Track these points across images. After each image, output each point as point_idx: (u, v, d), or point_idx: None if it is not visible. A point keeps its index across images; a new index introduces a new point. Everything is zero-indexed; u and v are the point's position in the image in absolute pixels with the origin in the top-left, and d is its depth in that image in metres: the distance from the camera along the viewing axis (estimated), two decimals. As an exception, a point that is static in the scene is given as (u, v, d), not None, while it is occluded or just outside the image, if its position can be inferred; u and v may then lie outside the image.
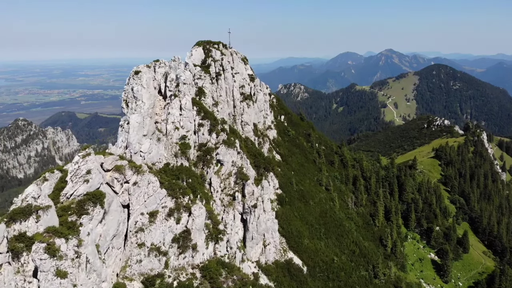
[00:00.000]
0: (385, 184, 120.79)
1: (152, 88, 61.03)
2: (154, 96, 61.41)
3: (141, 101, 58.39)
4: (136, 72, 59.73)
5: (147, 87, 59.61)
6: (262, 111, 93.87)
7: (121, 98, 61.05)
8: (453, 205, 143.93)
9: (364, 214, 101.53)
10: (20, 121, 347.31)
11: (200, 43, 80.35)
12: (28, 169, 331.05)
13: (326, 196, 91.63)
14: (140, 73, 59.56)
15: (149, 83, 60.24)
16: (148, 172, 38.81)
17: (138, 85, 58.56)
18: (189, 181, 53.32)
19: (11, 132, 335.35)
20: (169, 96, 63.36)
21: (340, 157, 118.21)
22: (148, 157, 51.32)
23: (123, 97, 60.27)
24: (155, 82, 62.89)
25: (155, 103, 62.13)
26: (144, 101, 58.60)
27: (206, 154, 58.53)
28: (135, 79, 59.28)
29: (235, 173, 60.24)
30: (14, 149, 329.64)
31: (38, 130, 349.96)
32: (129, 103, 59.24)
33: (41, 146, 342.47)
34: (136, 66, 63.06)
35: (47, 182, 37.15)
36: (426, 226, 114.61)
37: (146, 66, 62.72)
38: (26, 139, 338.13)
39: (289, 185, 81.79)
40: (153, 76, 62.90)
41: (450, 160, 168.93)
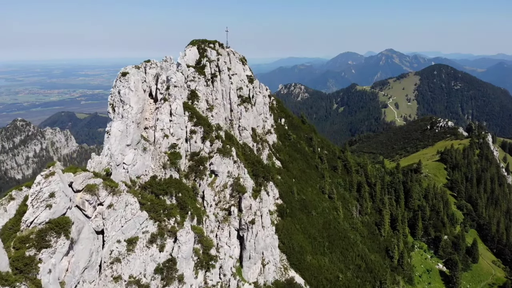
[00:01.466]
0: (390, 190, 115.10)
1: (141, 91, 55.47)
2: (143, 100, 55.85)
3: (129, 106, 52.89)
4: (124, 74, 54.21)
5: (136, 90, 54.08)
6: (261, 115, 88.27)
7: (108, 102, 55.75)
8: (460, 211, 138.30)
9: (369, 223, 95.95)
10: (18, 122, 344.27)
11: (195, 42, 74.72)
12: (26, 170, 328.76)
13: (330, 205, 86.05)
14: (128, 74, 54.03)
15: (137, 85, 54.70)
16: (126, 192, 33.23)
17: (126, 88, 53.05)
18: (179, 195, 47.79)
19: (9, 133, 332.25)
20: (160, 100, 57.92)
21: (343, 162, 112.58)
22: (132, 169, 45.79)
23: (110, 101, 54.81)
24: (144, 84, 57.31)
25: (144, 107, 56.60)
26: (132, 105, 53.10)
27: (198, 164, 52.95)
28: (122, 81, 53.82)
29: (231, 184, 54.67)
30: (12, 149, 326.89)
31: (37, 131, 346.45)
32: (115, 108, 53.74)
33: (40, 146, 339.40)
34: (123, 67, 57.69)
35: (13, 202, 31.67)
36: (433, 235, 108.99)
37: (134, 67, 57.18)
38: (25, 139, 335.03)
39: (290, 194, 76.20)
40: (143, 77, 57.36)
41: (456, 164, 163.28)
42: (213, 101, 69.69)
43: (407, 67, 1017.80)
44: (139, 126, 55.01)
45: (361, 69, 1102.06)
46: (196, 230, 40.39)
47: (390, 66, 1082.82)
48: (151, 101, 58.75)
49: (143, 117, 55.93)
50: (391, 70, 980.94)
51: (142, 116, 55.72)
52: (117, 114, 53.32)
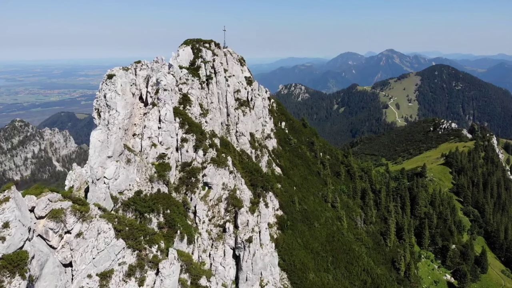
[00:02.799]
0: (396, 197, 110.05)
1: (129, 94, 50.54)
2: (132, 104, 50.92)
3: (115, 111, 48.08)
4: (110, 76, 49.38)
5: (123, 94, 49.19)
6: (260, 119, 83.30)
7: (93, 106, 50.92)
8: (467, 218, 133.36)
9: (375, 233, 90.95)
10: (17, 122, 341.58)
11: (189, 42, 69.69)
12: (24, 171, 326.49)
13: (333, 215, 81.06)
14: (114, 77, 49.19)
15: (125, 88, 49.79)
16: (99, 218, 28.25)
17: (112, 91, 48.24)
18: (167, 212, 42.87)
19: (8, 133, 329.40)
20: (148, 104, 53.02)
21: (346, 167, 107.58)
22: (114, 184, 40.83)
23: (95, 105, 50.03)
24: (133, 87, 52.38)
25: (133, 112, 51.68)
26: (118, 110, 48.27)
27: (190, 175, 47.96)
28: (108, 85, 49.01)
29: (226, 198, 49.68)
30: (11, 150, 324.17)
31: (35, 131, 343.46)
32: (101, 113, 48.94)
33: (38, 147, 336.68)
34: (110, 69, 52.83)
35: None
36: (441, 244, 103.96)
37: (122, 69, 52.29)
38: (23, 140, 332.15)
39: (291, 204, 71.25)
40: (132, 80, 52.49)
41: (462, 168, 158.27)
42: (208, 105, 64.76)
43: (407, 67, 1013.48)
44: (127, 132, 50.17)
45: (362, 70, 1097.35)
46: (183, 257, 35.42)
47: (391, 66, 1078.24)
48: (142, 105, 53.89)
49: (131, 123, 51.06)
50: (392, 71, 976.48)
51: (130, 121, 50.85)
52: (102, 119, 48.58)
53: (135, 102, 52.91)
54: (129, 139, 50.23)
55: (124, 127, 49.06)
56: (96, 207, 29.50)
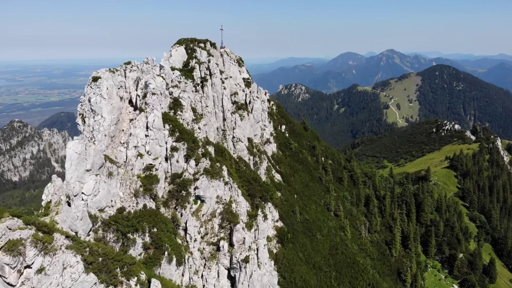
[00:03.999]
0: (401, 204, 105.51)
1: (116, 98, 46.16)
2: (119, 109, 46.52)
3: (100, 116, 43.74)
4: (95, 79, 45.10)
5: (109, 98, 44.87)
6: (259, 122, 78.86)
7: (77, 112, 46.63)
8: (473, 223, 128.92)
9: (379, 243, 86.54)
10: (15, 123, 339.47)
11: (182, 41, 65.19)
12: (23, 172, 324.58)
13: (336, 224, 76.63)
14: (100, 79, 44.90)
15: (111, 92, 45.45)
16: (66, 249, 23.87)
17: (97, 95, 43.96)
18: (154, 231, 38.44)
19: (6, 134, 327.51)
20: (135, 110, 48.64)
21: (349, 172, 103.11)
22: (93, 200, 36.41)
23: (79, 110, 45.76)
24: (121, 90, 48.05)
25: (122, 117, 47.28)
26: (104, 115, 43.93)
27: (181, 188, 43.49)
28: (92, 88, 44.76)
29: (220, 212, 45.21)
30: (9, 151, 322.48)
31: (34, 132, 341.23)
32: (86, 119, 44.60)
33: (37, 148, 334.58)
34: (95, 71, 48.48)
35: None
36: (448, 253, 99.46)
37: (109, 71, 47.95)
38: (22, 141, 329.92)
39: (292, 214, 66.81)
40: (121, 82, 48.20)
41: (467, 171, 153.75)
42: (203, 109, 60.32)
43: (408, 68, 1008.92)
44: (114, 139, 45.74)
45: (362, 70, 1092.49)
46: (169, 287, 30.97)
47: (391, 66, 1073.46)
48: (131, 109, 49.52)
49: (118, 129, 46.62)
50: (392, 71, 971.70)
51: (117, 128, 46.43)
52: (87, 126, 44.29)
53: (123, 107, 48.55)
54: (116, 146, 45.80)
55: (110, 134, 44.72)
56: (62, 236, 25.00)
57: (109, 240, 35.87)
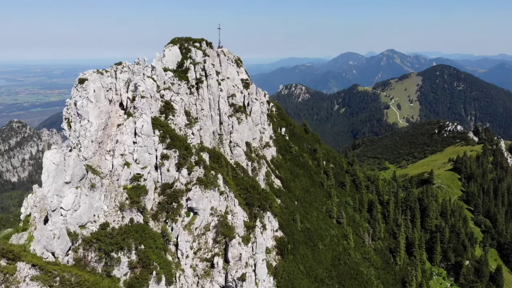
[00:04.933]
0: (405, 209, 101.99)
1: (104, 102, 42.66)
2: (108, 113, 43.02)
3: (87, 121, 40.30)
4: (81, 81, 41.66)
5: (96, 101, 41.41)
6: (258, 125, 75.36)
7: (63, 116, 43.32)
8: (478, 228, 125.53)
9: (383, 250, 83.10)
10: (14, 123, 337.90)
11: (176, 41, 61.69)
12: (22, 172, 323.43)
13: (338, 232, 73.17)
14: (86, 81, 41.46)
15: (99, 95, 41.95)
16: (30, 281, 20.46)
17: (83, 98, 40.52)
18: (141, 248, 35.01)
19: (5, 134, 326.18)
20: (125, 113, 45.20)
21: (351, 176, 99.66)
22: (73, 216, 32.99)
23: (65, 114, 42.40)
24: (111, 93, 44.55)
25: (110, 121, 43.78)
26: (90, 120, 40.52)
27: (171, 200, 40.04)
28: (79, 90, 41.32)
29: (215, 225, 41.75)
30: (8, 151, 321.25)
31: (33, 132, 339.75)
32: (72, 123, 41.20)
33: (36, 148, 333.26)
34: (82, 72, 45.05)
35: None
36: (454, 260, 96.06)
37: (96, 72, 44.51)
38: (20, 141, 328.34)
39: (292, 223, 63.38)
40: (110, 84, 44.79)
41: (471, 174, 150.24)
42: (198, 113, 56.84)
43: (408, 68, 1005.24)
44: (101, 145, 42.26)
45: (362, 70, 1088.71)
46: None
47: (391, 66, 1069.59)
48: (121, 112, 46.03)
49: (107, 135, 43.14)
50: (392, 71, 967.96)
51: (105, 133, 42.93)
52: (73, 131, 40.87)
53: (113, 110, 45.03)
54: (104, 153, 42.34)
55: (97, 140, 41.22)
56: (27, 266, 21.58)
57: (90, 260, 32.45)
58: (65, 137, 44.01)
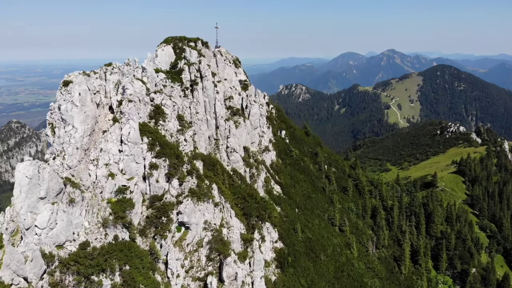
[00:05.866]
0: (409, 215, 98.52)
1: (90, 105, 39.39)
2: (94, 118, 39.74)
3: (71, 126, 37.02)
4: (65, 83, 38.46)
5: (82, 105, 38.19)
6: (256, 129, 72.00)
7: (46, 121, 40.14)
8: (483, 233, 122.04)
9: (387, 259, 79.74)
10: (13, 123, 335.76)
11: (170, 40, 58.31)
12: None
13: (341, 241, 69.81)
14: (71, 84, 38.22)
15: (84, 98, 38.70)
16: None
17: (67, 102, 37.33)
18: (126, 268, 31.60)
19: (4, 135, 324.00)
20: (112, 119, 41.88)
21: (354, 181, 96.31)
22: (49, 235, 29.62)
23: (49, 119, 39.19)
24: (98, 96, 41.30)
25: (96, 127, 40.48)
26: (75, 125, 37.25)
27: (161, 213, 36.68)
28: (63, 94, 38.07)
29: (208, 241, 38.35)
30: (7, 152, 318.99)
31: (32, 133, 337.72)
32: (56, 129, 37.94)
33: (35, 149, 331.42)
34: (67, 74, 41.82)
35: None
36: (460, 268, 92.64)
37: (82, 74, 41.36)
38: (19, 142, 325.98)
39: (293, 233, 60.00)
40: (100, 86, 41.66)
41: (476, 177, 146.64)
42: (192, 117, 53.47)
43: (408, 68, 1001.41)
44: (87, 153, 38.96)
45: (363, 70, 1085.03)
46: None
47: (392, 66, 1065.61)
48: (111, 117, 42.72)
49: (93, 141, 39.82)
50: (393, 71, 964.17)
51: (92, 139, 39.64)
52: (57, 137, 37.63)
53: (101, 114, 41.74)
54: (90, 161, 39.07)
55: (83, 147, 37.97)
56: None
57: (68, 284, 29.10)
58: (49, 143, 40.91)
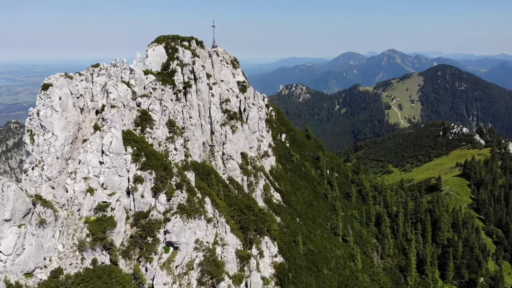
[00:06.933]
0: (415, 222, 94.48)
1: (72, 110, 35.58)
2: (77, 124, 35.96)
3: (51, 134, 33.15)
4: (45, 87, 34.65)
5: (63, 110, 34.42)
6: (255, 133, 68.13)
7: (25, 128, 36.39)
8: (489, 238, 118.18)
9: (393, 270, 75.87)
10: (12, 124, 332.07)
11: (162, 39, 54.39)
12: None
13: (345, 253, 65.93)
14: (51, 88, 34.40)
15: (66, 103, 34.88)
16: None
17: (47, 107, 33.55)
18: (105, 299, 27.66)
19: (3, 135, 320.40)
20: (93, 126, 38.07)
21: (357, 186, 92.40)
22: (16, 262, 25.72)
23: (27, 126, 35.37)
24: (82, 100, 37.57)
25: (80, 134, 36.67)
26: (55, 133, 33.43)
27: (146, 232, 32.80)
28: (42, 98, 34.21)
29: (200, 263, 34.46)
30: (6, 153, 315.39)
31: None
32: (35, 136, 34.12)
33: None
34: (47, 77, 37.99)
35: None
36: (468, 277, 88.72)
37: (64, 76, 37.53)
38: (18, 142, 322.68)
39: (294, 246, 56.13)
40: (85, 89, 37.95)
41: (481, 180, 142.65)
42: (185, 122, 49.57)
43: (409, 68, 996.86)
44: (70, 162, 35.15)
45: (363, 70, 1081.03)
46: None
47: (392, 66, 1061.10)
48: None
49: (76, 150, 35.98)
50: (393, 71, 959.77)
51: (74, 148, 35.83)
52: (36, 145, 33.76)
53: (86, 120, 37.96)
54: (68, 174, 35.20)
55: (64, 156, 34.21)
56: None
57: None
58: (28, 152, 37.12)
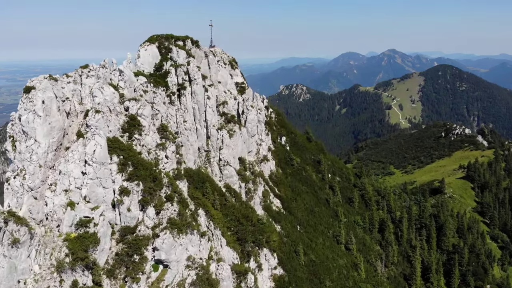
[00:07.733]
0: (419, 228, 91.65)
1: (57, 115, 32.74)
2: (62, 130, 33.12)
3: (33, 140, 30.28)
4: (27, 90, 31.78)
5: (46, 115, 31.62)
6: (254, 136, 65.23)
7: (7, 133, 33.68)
8: (494, 243, 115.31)
9: (397, 278, 73.08)
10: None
11: (154, 39, 51.44)
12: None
13: (347, 262, 63.12)
14: (33, 91, 31.55)
15: (49, 107, 32.05)
16: None
17: (29, 112, 30.65)
18: (84, 328, 24.78)
19: (2, 136, 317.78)
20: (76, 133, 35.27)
21: (360, 191, 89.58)
22: (-21, 290, 22.81)
23: (9, 132, 32.57)
24: (68, 103, 34.79)
25: (64, 140, 33.81)
26: (38, 139, 30.60)
27: (133, 250, 29.93)
28: (24, 102, 31.34)
29: (192, 282, 31.58)
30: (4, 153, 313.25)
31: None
32: (17, 143, 31.30)
33: None
34: (30, 79, 35.09)
35: None
36: (474, 285, 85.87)
37: (48, 78, 34.67)
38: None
39: (294, 256, 53.28)
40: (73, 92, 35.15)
41: (485, 182, 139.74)
42: (179, 126, 46.71)
43: (409, 68, 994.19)
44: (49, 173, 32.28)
45: (363, 70, 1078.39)
46: None
47: (393, 66, 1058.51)
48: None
49: (61, 157, 33.13)
50: (394, 71, 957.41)
51: (58, 155, 32.98)
52: (18, 153, 30.88)
53: (73, 125, 35.14)
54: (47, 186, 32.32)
55: (47, 164, 31.45)
56: None
57: None
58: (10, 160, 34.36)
